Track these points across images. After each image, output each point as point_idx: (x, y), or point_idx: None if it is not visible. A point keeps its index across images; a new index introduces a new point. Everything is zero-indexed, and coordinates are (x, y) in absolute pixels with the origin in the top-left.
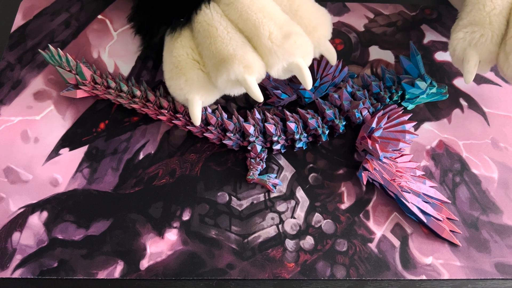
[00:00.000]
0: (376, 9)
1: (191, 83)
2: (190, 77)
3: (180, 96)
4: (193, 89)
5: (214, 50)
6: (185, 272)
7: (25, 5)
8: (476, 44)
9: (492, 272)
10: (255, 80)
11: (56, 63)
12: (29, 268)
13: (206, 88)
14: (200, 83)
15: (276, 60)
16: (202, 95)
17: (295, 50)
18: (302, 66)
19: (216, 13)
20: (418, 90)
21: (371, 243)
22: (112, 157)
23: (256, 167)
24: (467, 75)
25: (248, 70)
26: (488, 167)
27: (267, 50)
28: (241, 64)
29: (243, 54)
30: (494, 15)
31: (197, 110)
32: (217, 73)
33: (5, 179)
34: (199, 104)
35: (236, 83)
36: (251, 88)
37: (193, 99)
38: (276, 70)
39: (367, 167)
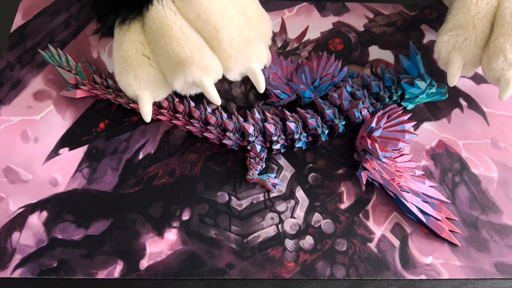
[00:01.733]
0: (376, 9)
1: (141, 79)
2: (139, 73)
3: (129, 92)
4: (143, 85)
5: (170, 51)
6: (185, 272)
7: (25, 5)
8: (460, 47)
9: (492, 272)
10: (212, 82)
11: (56, 63)
12: (29, 268)
13: (157, 84)
14: (150, 79)
15: (235, 65)
16: (153, 91)
17: (254, 56)
18: (256, 71)
19: (169, 10)
20: (417, 90)
21: (371, 243)
22: (112, 157)
23: (255, 167)
24: (450, 78)
25: (206, 72)
26: (488, 167)
27: (227, 55)
28: (199, 67)
29: (200, 58)
30: (478, 19)
31: (147, 106)
32: (174, 74)
33: (5, 179)
34: (149, 101)
35: (192, 84)
36: (208, 90)
37: (143, 96)
38: (234, 74)
39: (366, 167)
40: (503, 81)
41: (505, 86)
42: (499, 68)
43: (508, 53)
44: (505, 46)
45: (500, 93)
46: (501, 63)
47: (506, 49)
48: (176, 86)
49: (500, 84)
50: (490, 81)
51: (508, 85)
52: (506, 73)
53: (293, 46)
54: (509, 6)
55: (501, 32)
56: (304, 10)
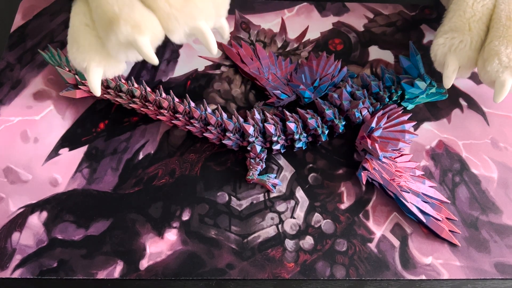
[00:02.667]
0: (375, 9)
1: (83, 50)
2: (82, 44)
3: (77, 66)
4: (87, 56)
5: (100, 12)
6: (185, 272)
7: (25, 5)
8: (456, 50)
9: (492, 272)
10: (147, 41)
11: (56, 63)
12: (29, 268)
13: (101, 53)
14: (92, 48)
15: (176, 25)
16: (99, 62)
17: (198, 14)
18: (205, 30)
19: None
20: (417, 90)
21: (371, 243)
22: (111, 157)
23: (255, 167)
24: (445, 80)
25: (137, 29)
26: (488, 167)
27: (166, 14)
28: (128, 23)
29: (128, 13)
30: (474, 21)
31: (94, 78)
32: (106, 37)
33: (4, 179)
34: (96, 72)
35: (129, 46)
36: (142, 49)
37: (89, 67)
38: (178, 35)
39: (366, 167)
40: (497, 83)
41: (500, 88)
42: (493, 71)
43: (503, 55)
44: (499, 48)
45: (495, 96)
46: (495, 66)
47: (500, 51)
48: (111, 50)
49: (495, 87)
50: (485, 83)
51: (502, 87)
52: (500, 76)
53: (293, 46)
54: (504, 8)
55: (496, 35)
56: (304, 10)
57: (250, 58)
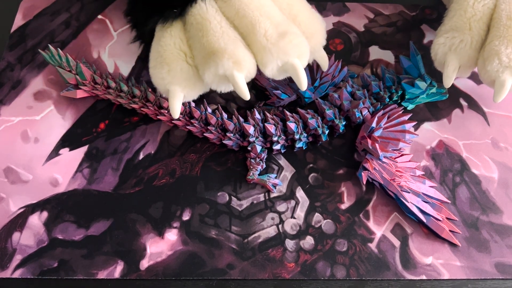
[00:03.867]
0: (376, 9)
1: (174, 74)
2: (173, 68)
3: (161, 86)
4: (175, 80)
5: (205, 43)
6: (185, 272)
7: (25, 5)
8: (456, 49)
9: (492, 272)
10: (243, 77)
11: (56, 63)
12: (29, 268)
13: (189, 81)
14: (183, 75)
15: (270, 58)
16: (184, 87)
17: (291, 50)
18: (297, 67)
19: (211, 7)
20: (418, 90)
21: (371, 243)
22: (112, 157)
23: (256, 167)
24: (446, 79)
25: (237, 66)
26: (488, 167)
27: (262, 47)
28: (231, 59)
29: (233, 49)
30: (475, 21)
31: (177, 102)
32: (205, 65)
33: (5, 179)
34: (179, 97)
35: (223, 78)
36: (238, 84)
37: (174, 91)
38: (271, 69)
39: (367, 167)
40: (497, 83)
41: (500, 88)
42: (493, 71)
43: (503, 55)
44: (500, 48)
45: (495, 95)
46: (495, 66)
47: (501, 51)
48: (206, 78)
49: (495, 87)
50: (485, 83)
51: (502, 87)
52: (500, 76)
53: None
54: (505, 8)
55: (497, 35)
56: None
57: None
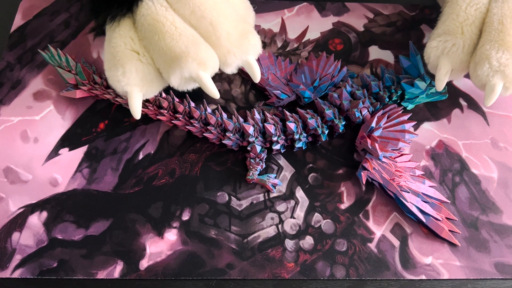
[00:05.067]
0: (375, 9)
1: (129, 75)
2: (128, 69)
3: (119, 88)
4: (132, 81)
5: (164, 47)
6: (185, 272)
7: (25, 5)
8: (448, 53)
9: (492, 272)
10: (209, 76)
11: (56, 63)
12: (29, 268)
13: (146, 79)
14: (139, 75)
15: (233, 59)
16: (142, 87)
17: (251, 49)
18: (252, 63)
19: (160, 6)
20: (417, 90)
21: (371, 243)
22: (111, 157)
23: (255, 167)
24: (438, 83)
25: (202, 66)
26: (488, 167)
27: (226, 50)
28: (195, 61)
29: (196, 51)
30: (467, 25)
31: (136, 103)
32: (170, 70)
33: (5, 179)
34: (138, 97)
35: (189, 79)
36: (206, 84)
37: (131, 92)
38: (232, 68)
39: (366, 167)
40: (488, 87)
41: (490, 92)
42: (484, 75)
43: (493, 60)
44: (490, 53)
45: (485, 99)
46: (486, 70)
47: (491, 55)
48: (173, 82)
49: (485, 90)
50: (477, 86)
51: (492, 91)
52: (491, 80)
53: (293, 46)
54: (497, 12)
55: (488, 39)
56: (304, 10)
57: None
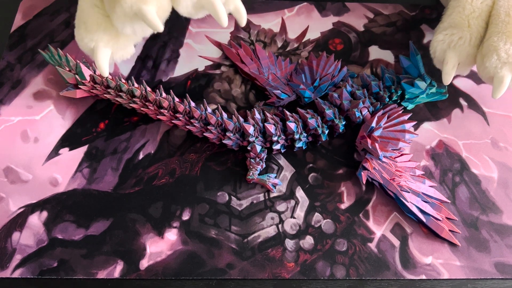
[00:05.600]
0: (376, 9)
1: (91, 30)
2: (89, 24)
3: (85, 48)
4: (94, 36)
5: None
6: (185, 272)
7: (25, 5)
8: (455, 46)
9: (492, 272)
10: (153, 10)
11: (56, 63)
12: (29, 268)
13: (110, 33)
14: (100, 27)
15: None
16: (108, 41)
17: None
18: (214, 2)
19: None
20: (417, 90)
21: (371, 243)
22: (112, 157)
23: (255, 167)
24: (445, 76)
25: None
26: (488, 167)
27: None
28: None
29: None
30: (473, 18)
31: (102, 58)
32: (112, 10)
33: (5, 179)
34: (104, 52)
35: (134, 18)
36: (147, 17)
37: (96, 47)
38: (185, 6)
39: (366, 167)
40: (496, 79)
41: (498, 84)
42: (492, 67)
43: (501, 51)
44: (498, 44)
45: (493, 91)
46: (494, 62)
47: (499, 47)
48: (117, 23)
49: (494, 83)
50: (484, 79)
51: (501, 83)
52: (499, 72)
53: (293, 46)
54: (503, 4)
55: (495, 31)
56: (304, 10)
57: (250, 58)
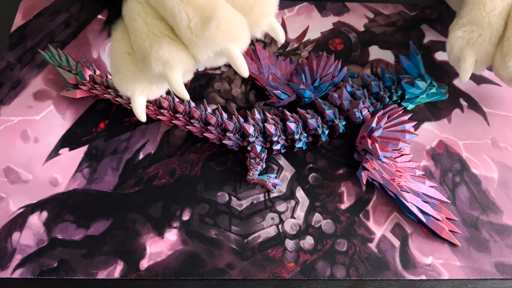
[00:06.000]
0: (376, 9)
1: (126, 79)
2: (124, 74)
3: (123, 94)
4: (130, 86)
5: (137, 46)
6: (185, 272)
7: (25, 5)
8: (474, 43)
9: (492, 272)
10: (179, 76)
11: (56, 63)
12: (29, 268)
13: (144, 82)
14: (135, 78)
15: (198, 51)
16: (142, 90)
17: (219, 37)
18: (232, 52)
19: (136, 2)
20: (418, 90)
21: (371, 243)
22: (112, 157)
23: (256, 167)
24: (463, 74)
25: (166, 65)
26: (488, 167)
27: (188, 41)
28: (158, 61)
29: (157, 50)
30: (494, 15)
31: (139, 106)
32: (143, 69)
33: (5, 179)
34: (140, 100)
35: (160, 78)
36: (173, 86)
37: (132, 97)
38: (204, 60)
39: (366, 167)
40: None
41: None
42: None
43: None
44: None
45: None
46: None
47: None
48: (149, 81)
49: None
50: (504, 79)
51: None
52: None
53: (293, 46)
54: None
55: None
56: (304, 10)
57: (250, 58)
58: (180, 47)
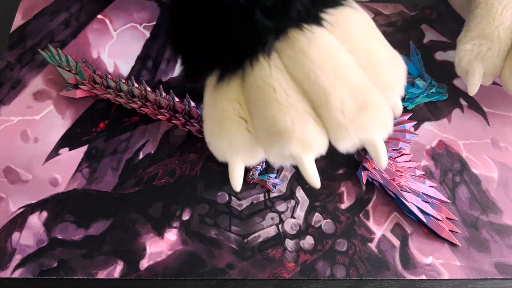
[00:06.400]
0: (376, 9)
1: (235, 148)
2: (234, 142)
3: (221, 157)
4: (236, 153)
5: (269, 117)
6: (185, 272)
7: (25, 5)
8: (483, 57)
9: (492, 272)
10: (312, 160)
11: (56, 63)
12: (29, 268)
13: (251, 152)
14: (245, 147)
15: (346, 136)
16: (246, 158)
17: (371, 125)
18: (377, 143)
19: (275, 68)
20: (418, 90)
21: (371, 243)
22: (112, 157)
23: (256, 167)
24: (471, 87)
25: (307, 148)
26: (488, 167)
27: (337, 124)
28: (299, 142)
29: (302, 130)
30: (503, 29)
31: (238, 174)
32: (268, 144)
33: (5, 179)
34: (240, 168)
35: (289, 158)
36: (306, 169)
37: (235, 164)
38: (345, 146)
39: (366, 167)
40: None
41: None
42: None
43: None
44: None
45: None
46: None
47: None
48: (270, 158)
49: None
50: (511, 92)
51: None
52: None
53: None
54: None
55: None
56: None
57: None
58: (322, 130)
